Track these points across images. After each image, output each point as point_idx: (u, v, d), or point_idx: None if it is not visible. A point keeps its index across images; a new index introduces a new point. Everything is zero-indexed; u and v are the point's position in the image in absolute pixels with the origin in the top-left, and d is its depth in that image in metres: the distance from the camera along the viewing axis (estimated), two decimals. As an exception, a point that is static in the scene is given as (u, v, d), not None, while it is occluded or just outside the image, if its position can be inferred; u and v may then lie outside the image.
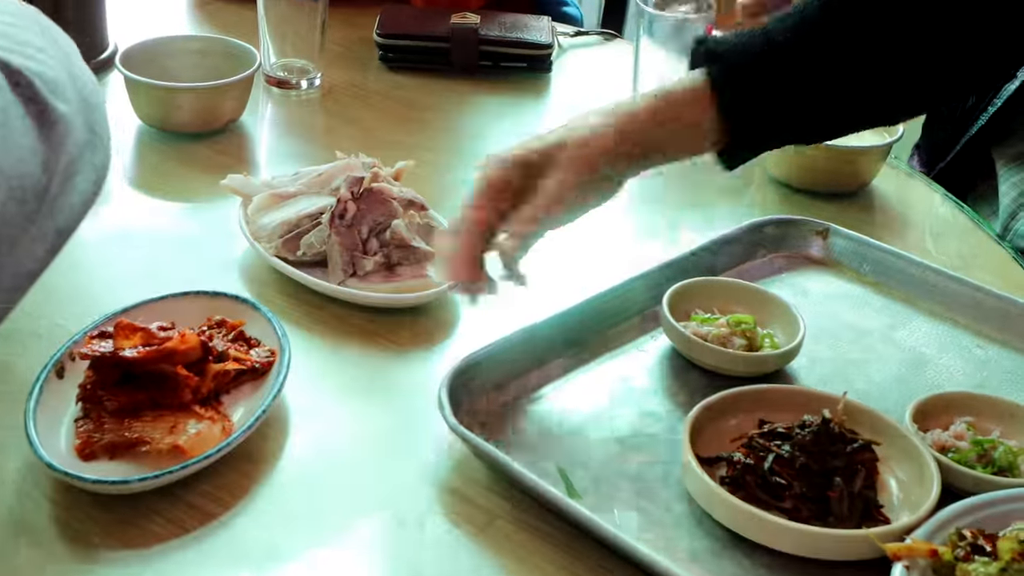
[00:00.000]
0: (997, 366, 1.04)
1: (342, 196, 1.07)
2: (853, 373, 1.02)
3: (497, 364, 0.96)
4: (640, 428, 0.94)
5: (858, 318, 1.09)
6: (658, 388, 0.99)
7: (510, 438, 0.91)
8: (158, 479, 0.81)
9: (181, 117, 1.29)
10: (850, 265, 1.16)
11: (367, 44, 1.51)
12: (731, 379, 0.98)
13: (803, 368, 1.02)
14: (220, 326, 0.95)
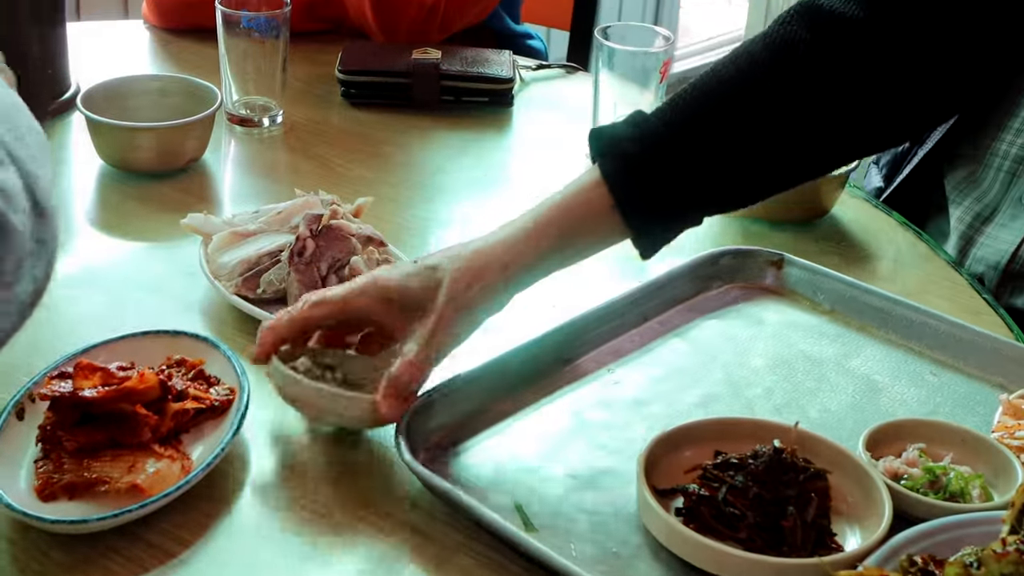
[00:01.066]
0: (951, 392, 1.06)
1: (301, 233, 1.09)
2: (807, 402, 1.04)
3: (453, 402, 0.98)
4: (595, 462, 0.96)
5: (813, 347, 1.11)
6: (613, 422, 1.01)
7: (467, 474, 0.93)
8: (116, 518, 0.82)
9: (142, 157, 1.31)
10: (805, 295, 1.18)
11: (329, 80, 1.53)
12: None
13: (758, 398, 1.04)
14: (180, 365, 0.96)
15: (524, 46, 1.81)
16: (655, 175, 0.96)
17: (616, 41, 1.39)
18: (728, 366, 1.08)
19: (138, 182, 1.32)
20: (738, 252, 1.20)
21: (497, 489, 0.92)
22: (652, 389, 1.05)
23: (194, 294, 1.14)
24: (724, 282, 1.19)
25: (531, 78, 1.61)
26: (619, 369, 1.07)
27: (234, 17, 1.39)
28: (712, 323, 1.14)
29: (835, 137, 1.00)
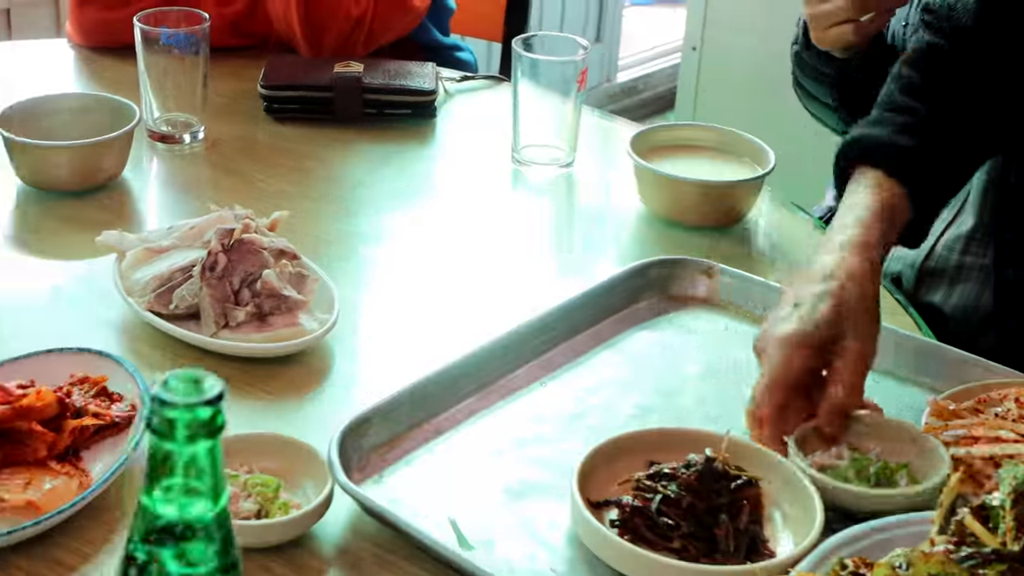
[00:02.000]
0: (882, 396, 1.05)
1: (212, 248, 1.09)
2: (740, 409, 1.02)
3: (388, 420, 0.97)
4: (530, 476, 0.96)
5: (745, 355, 1.09)
6: (547, 435, 1.01)
7: (401, 492, 0.93)
8: (9, 536, 0.82)
9: (60, 175, 1.31)
10: (737, 303, 1.18)
11: (253, 96, 1.53)
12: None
13: (691, 407, 1.04)
14: (83, 382, 0.97)
15: (453, 58, 1.82)
16: (931, 159, 1.08)
17: (541, 51, 1.40)
18: (661, 376, 1.09)
19: (56, 200, 1.32)
20: (668, 262, 1.20)
21: (432, 505, 0.91)
22: (586, 401, 1.05)
23: (110, 311, 1.14)
24: (655, 292, 1.19)
25: (455, 90, 1.62)
26: (552, 382, 1.07)
27: (153, 34, 1.39)
28: (644, 333, 1.14)
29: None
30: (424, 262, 1.26)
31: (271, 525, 0.87)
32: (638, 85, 3.80)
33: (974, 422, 0.98)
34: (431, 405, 1.01)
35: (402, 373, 1.08)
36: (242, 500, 0.88)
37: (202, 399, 0.52)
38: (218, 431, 0.52)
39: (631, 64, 3.82)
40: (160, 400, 0.51)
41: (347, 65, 1.51)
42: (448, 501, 0.92)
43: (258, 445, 0.93)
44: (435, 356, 1.07)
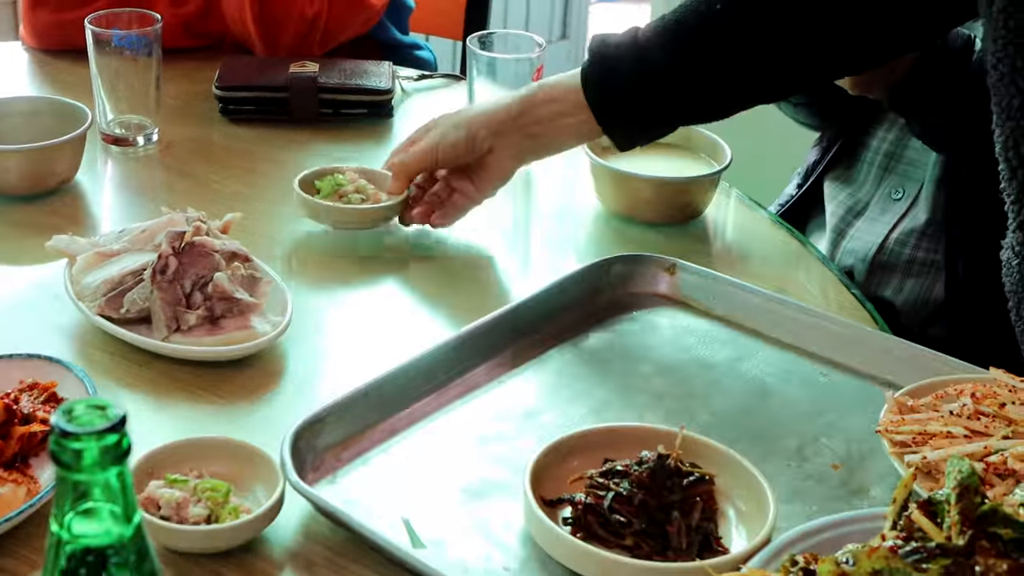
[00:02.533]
0: (840, 392, 1.07)
1: (163, 251, 1.09)
2: (698, 407, 1.05)
3: (343, 419, 0.97)
4: (486, 475, 0.96)
5: (705, 352, 1.13)
6: (504, 433, 1.01)
7: (356, 492, 0.93)
8: (-43, 545, 0.82)
9: (9, 179, 1.31)
10: (698, 300, 1.18)
11: (208, 97, 1.54)
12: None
13: (649, 404, 1.05)
14: (32, 388, 0.96)
15: (412, 57, 1.82)
16: (621, 64, 1.16)
17: (499, 49, 1.41)
18: (620, 374, 1.09)
19: (7, 205, 1.32)
20: (630, 258, 1.20)
21: (386, 506, 0.92)
22: (544, 399, 1.06)
23: (60, 316, 1.14)
24: (616, 289, 1.19)
25: (413, 88, 1.63)
26: (511, 380, 1.07)
27: (104, 36, 1.39)
28: (604, 331, 1.15)
29: (805, 53, 1.15)
30: (379, 263, 1.27)
31: (221, 530, 0.87)
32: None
33: (929, 417, 1.00)
34: (387, 404, 1.01)
35: (357, 376, 1.08)
36: (192, 505, 0.88)
37: (106, 426, 0.52)
38: (125, 455, 0.53)
39: (598, 60, 3.83)
40: (64, 432, 0.52)
41: (303, 65, 1.52)
42: (403, 501, 0.93)
43: (208, 449, 0.94)
44: (391, 358, 1.07)
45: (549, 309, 1.15)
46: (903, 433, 0.96)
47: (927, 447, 0.94)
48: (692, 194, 1.34)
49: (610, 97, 1.17)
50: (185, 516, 0.88)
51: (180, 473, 0.91)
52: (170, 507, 0.88)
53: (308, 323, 1.15)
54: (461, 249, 1.30)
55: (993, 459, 0.91)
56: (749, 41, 1.14)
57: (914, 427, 0.97)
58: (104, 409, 0.52)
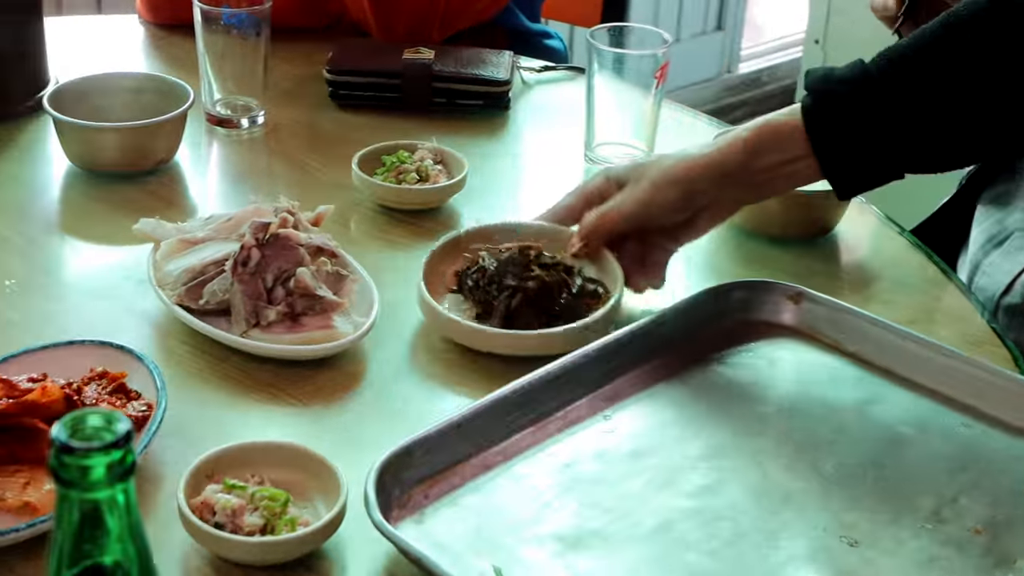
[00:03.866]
0: (985, 446, 1.01)
1: (246, 242, 1.10)
2: (822, 456, 1.00)
3: (432, 453, 0.95)
4: (585, 521, 0.93)
5: (831, 393, 1.07)
6: (606, 476, 0.97)
7: (444, 534, 0.91)
8: (3, 537, 0.84)
9: (108, 157, 1.33)
10: (825, 333, 1.13)
11: (319, 81, 1.54)
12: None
13: (767, 451, 1.00)
14: (101, 377, 0.98)
15: (540, 46, 1.80)
16: (851, 107, 1.08)
17: (627, 43, 1.38)
18: (736, 414, 1.04)
19: (105, 183, 1.34)
20: (751, 285, 1.15)
21: (476, 552, 0.89)
22: (652, 438, 1.02)
23: (143, 303, 1.15)
24: (735, 317, 1.14)
25: (535, 80, 1.61)
26: (616, 415, 1.04)
27: (213, 13, 1.41)
28: (721, 364, 1.10)
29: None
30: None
31: (274, 542, 0.87)
32: (762, 77, 3.74)
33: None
34: (480, 437, 0.98)
35: (444, 390, 1.08)
36: (248, 514, 0.88)
37: (111, 441, 0.51)
38: (130, 472, 0.52)
39: (755, 55, 3.77)
40: (66, 447, 0.51)
41: (417, 51, 1.51)
42: (493, 547, 0.90)
43: (271, 454, 0.94)
44: (486, 376, 1.07)
45: (661, 338, 1.10)
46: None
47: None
48: (822, 209, 1.30)
49: (838, 143, 1.09)
50: (240, 524, 0.88)
51: (240, 478, 0.91)
52: (225, 514, 0.88)
53: (396, 326, 1.14)
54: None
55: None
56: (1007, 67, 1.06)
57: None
58: (110, 423, 0.52)
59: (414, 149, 1.35)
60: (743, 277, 1.19)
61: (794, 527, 0.93)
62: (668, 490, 0.96)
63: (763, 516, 0.94)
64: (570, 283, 1.13)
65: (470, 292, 1.14)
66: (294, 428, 1.02)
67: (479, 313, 1.12)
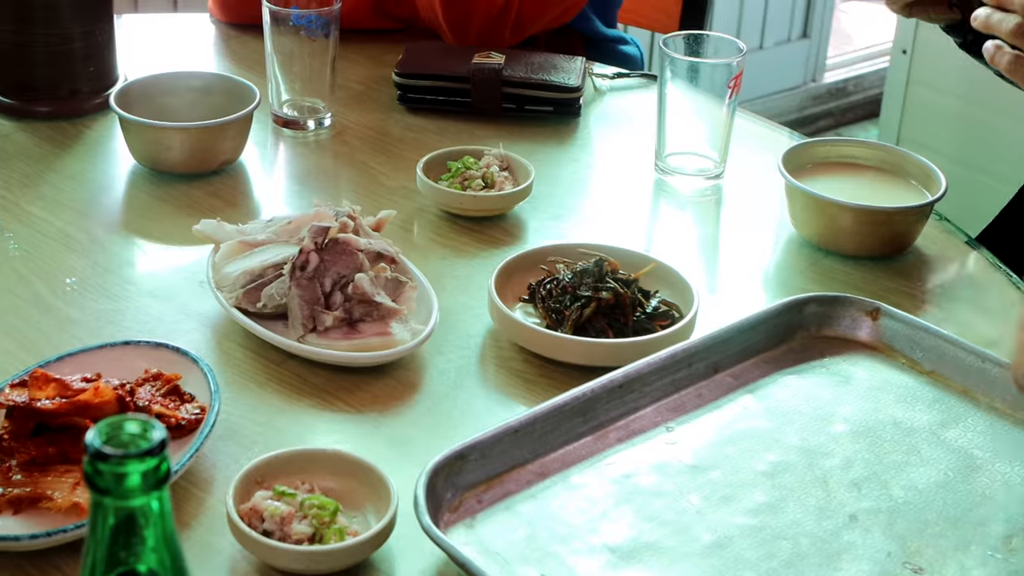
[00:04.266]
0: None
1: (305, 246, 1.10)
2: (891, 478, 0.98)
3: (487, 458, 0.95)
4: (640, 535, 0.92)
5: (905, 413, 1.05)
6: (665, 489, 0.96)
7: (495, 542, 0.90)
8: (50, 538, 0.85)
9: (173, 157, 1.35)
10: (902, 351, 1.11)
11: (388, 84, 1.55)
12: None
13: (833, 470, 0.99)
14: (155, 379, 0.99)
15: (616, 52, 1.80)
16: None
17: (702, 51, 1.37)
18: (804, 430, 1.03)
19: (168, 183, 1.36)
20: (827, 299, 1.14)
21: (526, 560, 0.89)
22: (714, 452, 1.00)
23: (201, 304, 1.16)
24: (809, 333, 1.13)
25: (608, 87, 1.60)
26: (679, 428, 1.03)
27: (282, 14, 1.42)
28: (791, 379, 1.09)
29: None
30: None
31: (321, 552, 0.87)
32: (847, 87, 3.70)
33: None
34: (538, 444, 0.98)
35: (504, 401, 1.07)
36: (296, 522, 0.89)
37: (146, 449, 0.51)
38: (164, 480, 0.52)
39: (841, 64, 3.72)
40: (100, 454, 0.51)
41: (487, 55, 1.51)
42: (544, 556, 0.89)
43: (323, 462, 0.94)
44: (549, 388, 1.06)
45: (730, 349, 1.09)
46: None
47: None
48: (898, 225, 1.27)
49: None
50: (288, 532, 0.88)
51: (290, 485, 0.91)
52: (274, 521, 0.88)
53: (455, 335, 1.14)
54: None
55: None
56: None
57: None
58: (145, 430, 0.52)
59: (481, 155, 1.34)
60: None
61: (857, 550, 0.92)
62: (728, 506, 0.95)
63: (825, 537, 0.93)
64: (645, 304, 1.13)
65: (541, 302, 1.14)
66: (347, 436, 1.02)
67: (548, 324, 1.12)
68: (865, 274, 1.26)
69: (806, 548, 0.92)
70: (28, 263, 1.22)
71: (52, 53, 1.44)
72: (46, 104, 1.46)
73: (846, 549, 0.92)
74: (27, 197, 1.32)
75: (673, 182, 1.41)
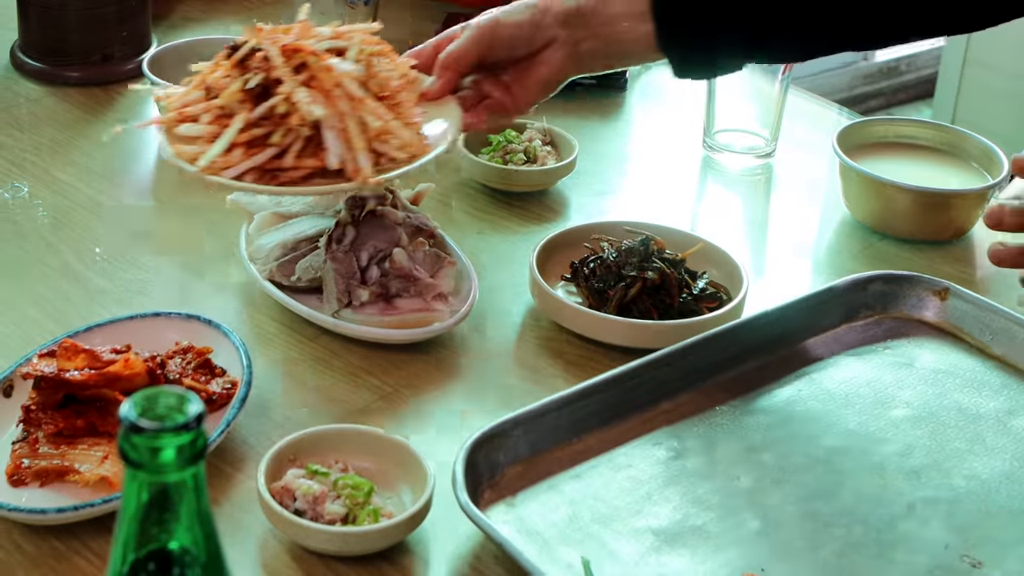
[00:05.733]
0: None
1: (341, 219, 1.09)
2: (952, 466, 0.97)
3: (530, 434, 0.94)
4: (686, 518, 0.91)
5: (971, 399, 1.04)
6: (714, 471, 0.96)
7: (535, 521, 0.90)
8: (76, 512, 0.85)
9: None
10: (971, 334, 1.10)
11: (428, 54, 1.53)
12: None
13: (890, 456, 0.98)
14: (186, 352, 0.98)
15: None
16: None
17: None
18: (862, 414, 1.02)
19: (202, 152, 1.35)
20: (893, 277, 1.13)
21: (567, 541, 0.88)
22: (766, 435, 0.99)
23: (233, 276, 1.16)
24: (873, 312, 1.12)
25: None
26: (731, 407, 1.02)
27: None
28: (851, 360, 1.08)
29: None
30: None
31: (355, 533, 0.86)
32: (900, 66, 3.66)
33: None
34: (583, 421, 0.97)
35: (545, 382, 1.07)
36: (329, 502, 0.88)
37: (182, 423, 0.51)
38: (200, 455, 0.52)
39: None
40: (135, 427, 0.51)
41: (532, 26, 1.50)
42: (586, 537, 0.89)
43: (357, 441, 0.93)
44: (587, 367, 1.06)
45: (787, 328, 1.08)
46: None
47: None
48: (956, 209, 1.26)
49: (679, 6, 1.05)
50: (321, 512, 0.88)
51: (323, 464, 0.91)
52: (306, 500, 0.88)
53: (495, 313, 1.14)
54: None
55: None
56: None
57: None
58: (182, 403, 0.51)
59: (523, 129, 1.33)
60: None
61: (913, 541, 0.90)
62: (778, 491, 0.94)
63: (879, 527, 0.91)
64: (691, 285, 1.12)
65: (584, 281, 1.13)
66: (382, 414, 1.02)
67: (591, 304, 1.11)
68: (921, 258, 1.25)
69: (859, 537, 0.90)
70: (57, 231, 1.22)
71: (84, 16, 1.44)
72: (77, 69, 1.46)
73: (902, 540, 0.90)
74: (57, 164, 1.32)
75: (722, 159, 1.40)
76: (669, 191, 1.37)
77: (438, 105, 1.08)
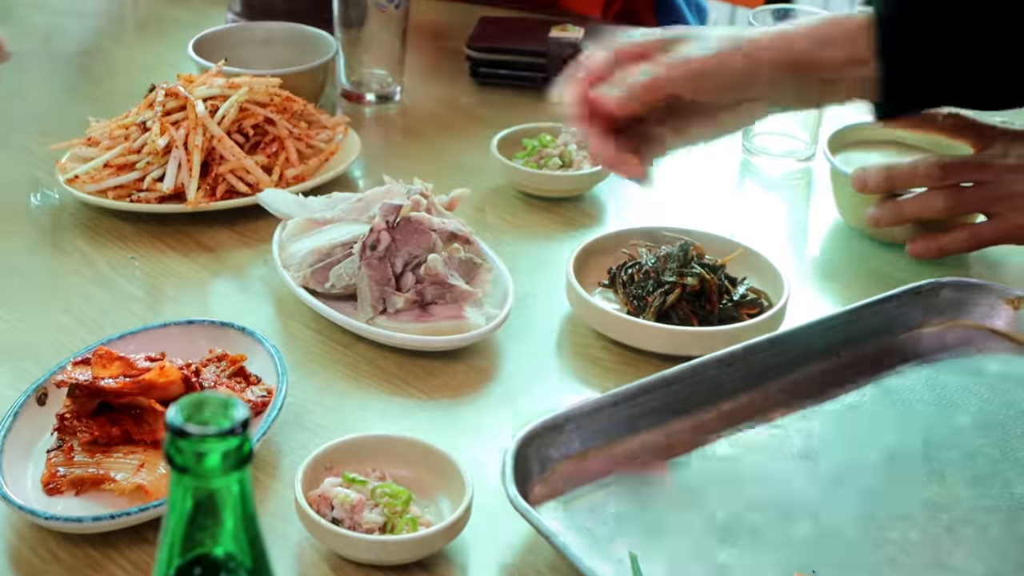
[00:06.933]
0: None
1: (376, 225, 1.10)
2: (1014, 475, 0.96)
3: (585, 429, 0.95)
4: (738, 518, 0.91)
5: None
6: (770, 474, 0.96)
7: (586, 517, 0.90)
8: (113, 520, 0.86)
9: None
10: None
11: (460, 57, 1.55)
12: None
13: (952, 463, 0.97)
14: (220, 360, 0.99)
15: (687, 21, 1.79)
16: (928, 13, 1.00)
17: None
18: (925, 422, 1.02)
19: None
20: (964, 285, 1.12)
21: (618, 538, 0.89)
22: (825, 440, 0.99)
23: (267, 283, 1.17)
24: (943, 319, 1.12)
25: (690, 63, 1.58)
26: (790, 411, 1.02)
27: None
28: (917, 367, 1.08)
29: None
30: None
31: (392, 542, 0.87)
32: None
33: None
34: (637, 419, 0.97)
35: (580, 391, 1.07)
36: (367, 510, 0.89)
37: (228, 428, 0.52)
38: (246, 461, 0.53)
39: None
40: (181, 431, 0.51)
41: (564, 29, 1.51)
42: (636, 533, 0.89)
43: (394, 449, 0.94)
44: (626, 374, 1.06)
45: (852, 332, 1.08)
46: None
47: None
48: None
49: (909, 49, 1.00)
50: (358, 521, 0.88)
51: (360, 472, 0.91)
52: (344, 509, 0.88)
53: (531, 320, 1.14)
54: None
55: None
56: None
57: None
58: (227, 408, 0.52)
59: (557, 133, 1.34)
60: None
61: (970, 549, 0.90)
62: (834, 493, 0.94)
63: (936, 533, 0.91)
64: (732, 291, 1.12)
65: (623, 287, 1.13)
66: (419, 422, 1.02)
67: (629, 311, 1.11)
68: (917, 266, 1.23)
69: (915, 543, 0.90)
70: (91, 240, 1.23)
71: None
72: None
73: (958, 546, 0.90)
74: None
75: (760, 163, 1.40)
76: (707, 195, 1.37)
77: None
